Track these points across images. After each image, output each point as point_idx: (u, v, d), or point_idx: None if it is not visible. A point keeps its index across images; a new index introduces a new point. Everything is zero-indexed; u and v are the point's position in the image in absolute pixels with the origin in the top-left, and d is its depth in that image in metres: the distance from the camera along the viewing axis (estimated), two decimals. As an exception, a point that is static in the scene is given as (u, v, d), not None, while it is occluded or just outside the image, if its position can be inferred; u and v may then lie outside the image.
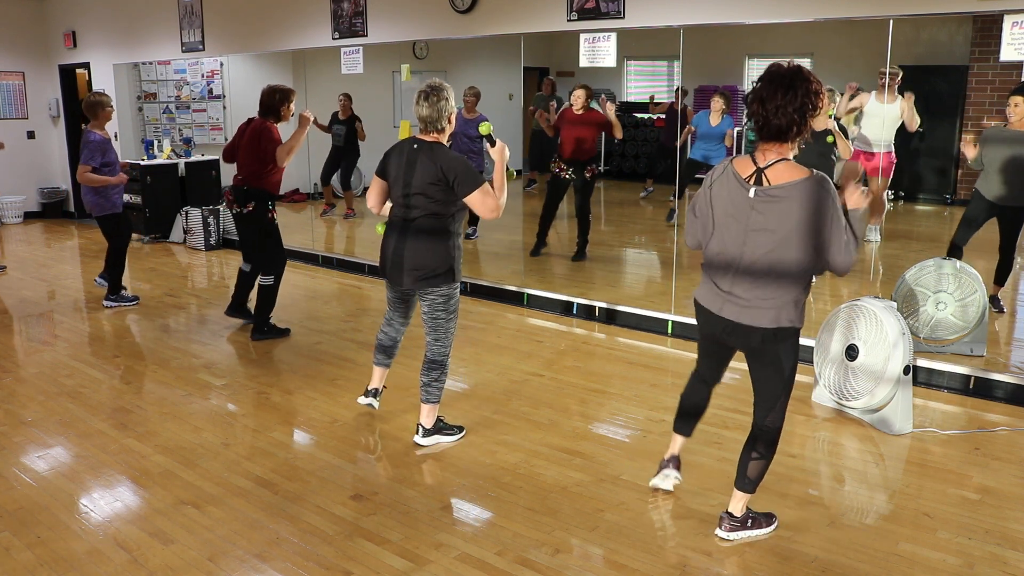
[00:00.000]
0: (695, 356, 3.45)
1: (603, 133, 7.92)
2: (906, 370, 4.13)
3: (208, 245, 9.49)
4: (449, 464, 3.87)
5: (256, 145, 5.56)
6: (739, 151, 9.18)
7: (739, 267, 2.84)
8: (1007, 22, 4.41)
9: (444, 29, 6.93)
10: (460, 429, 4.15)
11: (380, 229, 4.12)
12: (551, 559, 3.06)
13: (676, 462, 3.52)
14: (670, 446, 3.54)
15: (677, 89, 10.37)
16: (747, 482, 3.10)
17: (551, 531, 3.26)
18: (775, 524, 3.24)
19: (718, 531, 3.18)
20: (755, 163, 2.80)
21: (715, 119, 8.81)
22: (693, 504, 3.46)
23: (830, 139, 6.49)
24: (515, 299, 6.85)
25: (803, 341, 5.19)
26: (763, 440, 3.05)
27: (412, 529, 3.29)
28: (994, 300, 5.80)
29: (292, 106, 5.67)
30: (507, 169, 3.87)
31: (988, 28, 8.05)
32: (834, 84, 7.52)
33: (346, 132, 9.97)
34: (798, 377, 4.96)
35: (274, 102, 5.60)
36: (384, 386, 4.42)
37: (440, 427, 4.08)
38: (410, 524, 3.33)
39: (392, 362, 4.36)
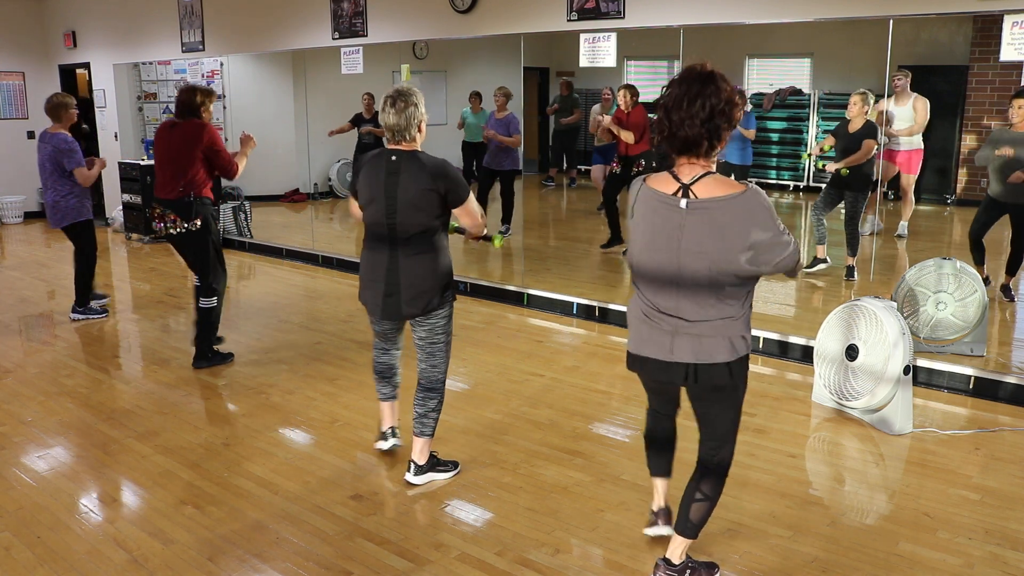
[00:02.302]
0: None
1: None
2: (906, 370, 4.13)
3: (208, 245, 9.49)
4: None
5: (194, 148, 4.97)
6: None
7: (681, 292, 2.51)
8: (1007, 22, 4.41)
9: (444, 29, 6.93)
10: (455, 465, 3.78)
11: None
12: (551, 559, 3.06)
13: (667, 515, 3.09)
14: (654, 494, 3.12)
15: None
16: (689, 527, 2.74)
17: (551, 531, 3.26)
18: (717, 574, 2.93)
19: None
20: (677, 179, 2.48)
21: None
22: (693, 504, 3.46)
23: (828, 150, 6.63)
24: (515, 299, 6.85)
25: (803, 341, 5.25)
26: (711, 479, 2.73)
27: (412, 529, 3.29)
28: (1006, 289, 6.11)
29: (211, 108, 5.14)
30: (488, 239, 3.81)
31: (988, 28, 8.06)
32: (834, 85, 7.55)
33: (370, 131, 10.08)
34: (798, 377, 5.00)
35: (195, 103, 5.04)
36: (398, 421, 3.99)
37: (435, 463, 3.72)
38: (410, 524, 3.34)
39: (399, 392, 3.92)
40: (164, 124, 5.18)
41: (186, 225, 5.02)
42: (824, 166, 7.05)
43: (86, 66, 11.04)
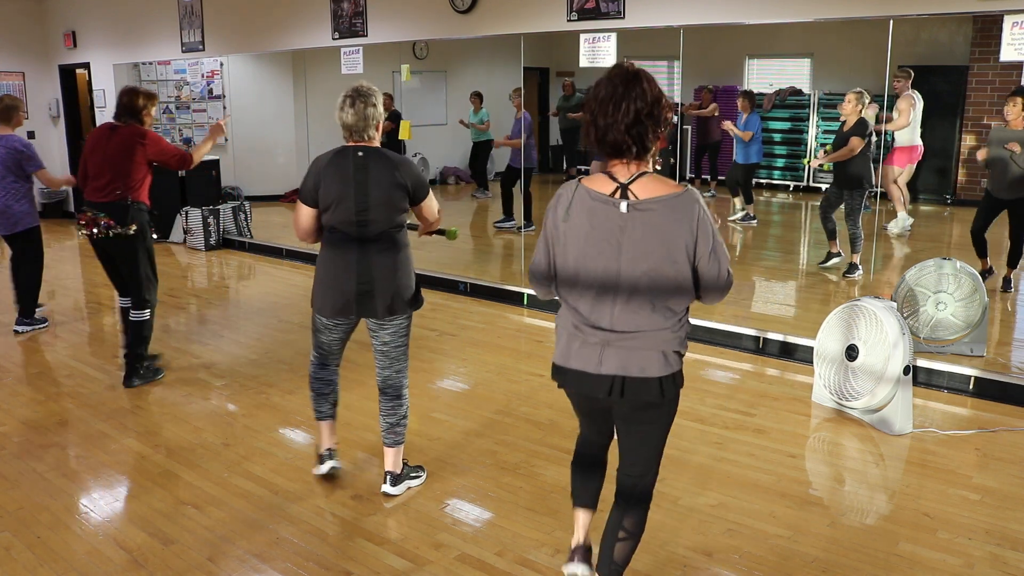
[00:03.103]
0: (693, 356, 3.42)
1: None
2: (906, 370, 4.13)
3: (208, 245, 9.49)
4: (449, 464, 3.87)
5: (135, 155, 4.77)
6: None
7: (617, 300, 2.34)
8: (1007, 22, 4.41)
9: (444, 29, 6.93)
10: (422, 468, 3.75)
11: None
12: (551, 559, 3.06)
13: (586, 553, 2.75)
14: (575, 528, 2.79)
15: (704, 88, 10.44)
16: (614, 568, 2.55)
17: (551, 531, 3.26)
18: None
19: None
20: (614, 179, 2.33)
21: (743, 119, 8.93)
22: (693, 504, 3.46)
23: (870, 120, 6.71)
24: (515, 299, 6.85)
25: (803, 341, 5.24)
26: (634, 514, 2.55)
27: (412, 529, 3.29)
28: (1006, 281, 6.32)
29: (154, 111, 4.94)
30: (442, 232, 3.76)
31: (988, 28, 8.07)
32: (834, 85, 7.56)
33: (388, 131, 10.11)
34: (798, 377, 5.00)
35: (137, 106, 4.83)
36: (337, 443, 3.80)
37: (408, 471, 3.67)
38: (410, 524, 3.34)
39: (337, 411, 3.72)
40: (103, 127, 4.94)
41: (120, 229, 4.74)
42: (808, 162, 7.11)
43: (86, 66, 11.04)
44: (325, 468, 3.69)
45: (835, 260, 7.18)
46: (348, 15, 7.61)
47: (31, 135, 11.44)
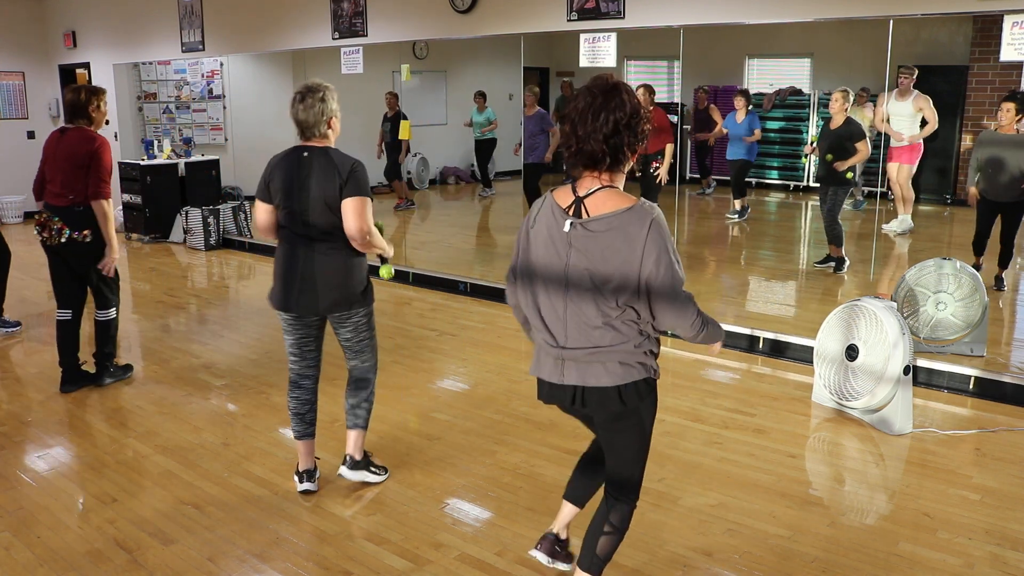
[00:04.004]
0: (693, 356, 3.43)
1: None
2: (906, 370, 4.13)
3: (208, 245, 9.49)
4: (449, 464, 3.87)
5: (79, 156, 4.61)
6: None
7: (567, 313, 2.36)
8: (1007, 22, 4.41)
9: (444, 29, 6.93)
10: (386, 470, 3.72)
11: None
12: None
13: (552, 544, 2.84)
14: (558, 516, 2.89)
15: (700, 88, 10.45)
16: (595, 562, 2.57)
17: (551, 531, 3.26)
18: None
19: None
20: (575, 192, 2.34)
21: (740, 117, 8.94)
22: (693, 504, 3.46)
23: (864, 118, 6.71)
24: (515, 299, 6.84)
25: (803, 341, 5.24)
26: (619, 511, 2.57)
27: (412, 529, 3.29)
28: (998, 280, 6.33)
29: (103, 106, 4.77)
30: (383, 261, 3.58)
31: (988, 28, 8.07)
32: (834, 85, 7.56)
33: (391, 128, 10.15)
34: (798, 377, 4.99)
35: (81, 102, 4.66)
36: (318, 458, 3.70)
37: (368, 463, 3.66)
38: (410, 524, 3.33)
39: (315, 429, 3.61)
40: (55, 131, 4.82)
41: (74, 235, 4.63)
42: (808, 153, 7.11)
43: (86, 66, 11.04)
44: (303, 487, 3.59)
45: (832, 263, 7.17)
46: (348, 15, 7.61)
47: (31, 135, 11.46)
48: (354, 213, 3.22)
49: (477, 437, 4.16)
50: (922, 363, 4.85)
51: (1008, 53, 4.44)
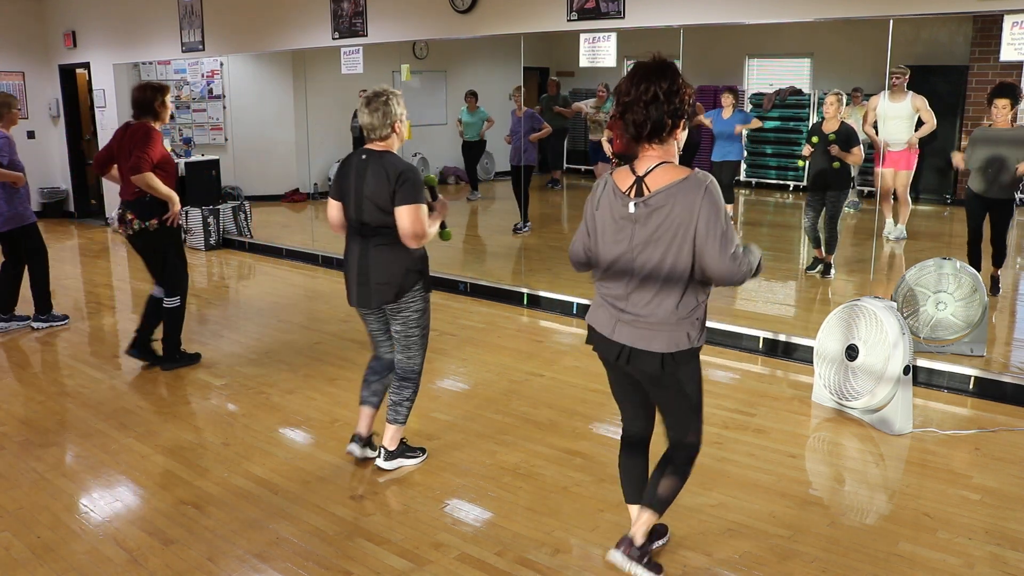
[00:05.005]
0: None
1: None
2: (906, 370, 4.13)
3: (208, 245, 9.49)
4: (449, 464, 3.87)
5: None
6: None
7: (632, 283, 2.63)
8: (1007, 22, 4.41)
9: (444, 29, 6.93)
10: (423, 451, 3.92)
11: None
12: (551, 559, 3.06)
13: (629, 545, 2.89)
14: (633, 520, 2.96)
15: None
16: (657, 501, 2.81)
17: (551, 531, 3.26)
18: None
19: (613, 553, 2.89)
20: (634, 172, 2.60)
21: (727, 114, 8.90)
22: (693, 504, 3.46)
23: (832, 138, 6.66)
24: (515, 299, 6.85)
25: (803, 341, 5.25)
26: (681, 458, 2.82)
27: (412, 529, 3.29)
28: (993, 281, 6.22)
29: (168, 102, 5.06)
30: (442, 228, 3.72)
31: (988, 28, 8.06)
32: (834, 85, 7.56)
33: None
34: (798, 377, 4.99)
35: (147, 99, 4.95)
36: (374, 433, 3.91)
37: (404, 449, 3.84)
38: (410, 524, 3.34)
39: (378, 401, 3.87)
40: (121, 126, 5.14)
41: (144, 225, 4.98)
42: (805, 156, 7.06)
43: (86, 66, 11.04)
44: (352, 448, 3.87)
45: (821, 267, 7.11)
46: (348, 15, 7.61)
47: (31, 135, 11.45)
48: (408, 220, 3.43)
49: (477, 437, 4.16)
50: (922, 363, 4.85)
51: (1008, 53, 4.43)
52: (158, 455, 4.00)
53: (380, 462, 3.79)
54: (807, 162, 7.22)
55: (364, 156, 3.50)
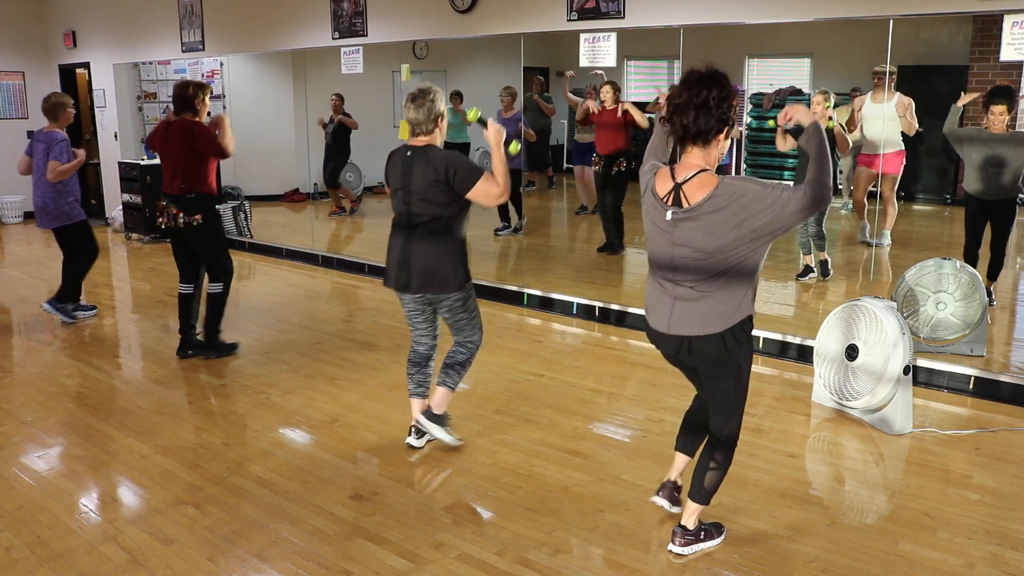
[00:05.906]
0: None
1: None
2: (906, 370, 4.13)
3: (208, 245, 9.48)
4: (449, 464, 3.87)
5: (190, 144, 5.11)
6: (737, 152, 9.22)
7: (679, 274, 2.77)
8: (1007, 22, 4.41)
9: (444, 29, 6.93)
10: (459, 440, 4.03)
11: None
12: (551, 559, 3.06)
13: (671, 490, 3.30)
14: (672, 466, 3.33)
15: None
16: (703, 493, 2.99)
17: (551, 531, 3.26)
18: (724, 534, 3.14)
19: (672, 547, 3.06)
20: (673, 178, 2.72)
21: None
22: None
23: (831, 124, 6.60)
24: (515, 299, 6.85)
25: (803, 341, 5.24)
26: (722, 449, 2.97)
27: (412, 529, 3.29)
28: (988, 293, 5.96)
29: (208, 100, 5.28)
30: (507, 149, 3.80)
31: (988, 28, 8.04)
32: (834, 85, 7.54)
33: (333, 131, 10.05)
34: (798, 377, 4.99)
35: (188, 95, 5.15)
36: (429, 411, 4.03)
37: (445, 420, 3.98)
38: (410, 524, 3.33)
39: (427, 390, 4.02)
40: (162, 122, 5.34)
41: (189, 219, 5.16)
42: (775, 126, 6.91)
43: (86, 66, 11.04)
44: (408, 439, 4.03)
45: (812, 275, 6.93)
46: (348, 15, 7.61)
47: (31, 135, 11.46)
48: (483, 195, 3.65)
49: (477, 437, 4.16)
50: (922, 363, 4.85)
51: (1008, 53, 4.44)
52: (158, 455, 4.00)
53: (421, 418, 3.94)
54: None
55: (409, 152, 3.68)
